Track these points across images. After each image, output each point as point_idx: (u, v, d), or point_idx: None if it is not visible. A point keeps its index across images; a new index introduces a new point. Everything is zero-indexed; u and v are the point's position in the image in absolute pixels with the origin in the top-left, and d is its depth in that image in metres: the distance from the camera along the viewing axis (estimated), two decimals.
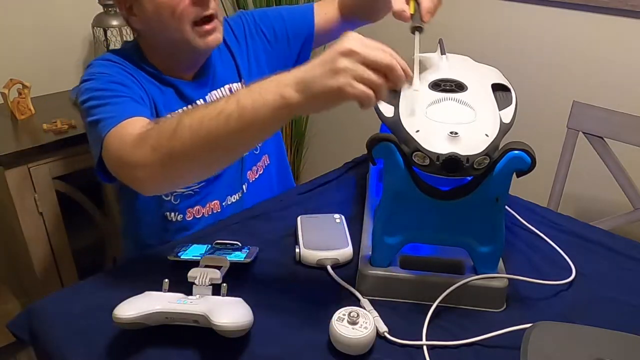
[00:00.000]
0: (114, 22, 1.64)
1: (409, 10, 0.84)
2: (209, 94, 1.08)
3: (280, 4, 2.03)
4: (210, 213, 1.08)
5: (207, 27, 0.97)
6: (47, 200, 1.45)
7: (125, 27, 1.66)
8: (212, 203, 1.08)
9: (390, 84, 0.65)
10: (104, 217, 1.64)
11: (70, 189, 1.52)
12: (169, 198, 1.04)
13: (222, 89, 1.10)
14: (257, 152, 1.15)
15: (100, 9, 1.64)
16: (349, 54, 0.62)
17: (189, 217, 1.06)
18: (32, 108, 1.56)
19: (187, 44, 0.97)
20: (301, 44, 1.18)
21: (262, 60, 1.16)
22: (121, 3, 0.98)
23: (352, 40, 0.64)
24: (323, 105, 0.66)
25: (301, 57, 1.19)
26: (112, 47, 1.71)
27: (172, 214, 1.05)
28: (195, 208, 1.06)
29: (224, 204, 1.09)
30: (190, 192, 1.05)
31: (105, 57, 1.01)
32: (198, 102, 1.06)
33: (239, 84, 1.13)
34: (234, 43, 1.14)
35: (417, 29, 0.82)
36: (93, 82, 0.94)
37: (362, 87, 0.62)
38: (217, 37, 0.99)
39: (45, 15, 1.69)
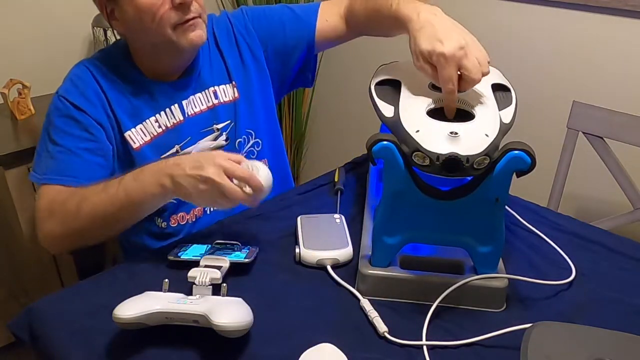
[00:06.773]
0: None
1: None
2: (191, 97, 1.06)
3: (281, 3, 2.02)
4: (193, 220, 1.07)
5: (188, 24, 0.95)
6: None
7: None
8: (197, 209, 1.07)
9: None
10: None
11: None
12: None
13: (206, 91, 1.08)
14: (254, 157, 1.12)
15: None
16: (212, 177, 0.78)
17: (173, 224, 1.05)
18: (32, 108, 1.56)
19: (171, 45, 0.96)
20: (298, 58, 1.15)
21: (251, 69, 1.12)
22: (102, 7, 0.97)
23: (219, 162, 0.80)
24: (196, 199, 0.83)
25: (304, 68, 1.17)
26: None
27: (158, 219, 1.04)
28: (179, 215, 1.05)
29: (207, 210, 1.08)
30: (174, 201, 1.02)
31: (86, 63, 1.02)
32: (174, 107, 1.04)
33: (229, 85, 1.10)
34: (226, 43, 1.11)
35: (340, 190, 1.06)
36: (60, 106, 0.97)
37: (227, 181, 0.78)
38: (199, 35, 0.97)
39: (45, 15, 1.69)
